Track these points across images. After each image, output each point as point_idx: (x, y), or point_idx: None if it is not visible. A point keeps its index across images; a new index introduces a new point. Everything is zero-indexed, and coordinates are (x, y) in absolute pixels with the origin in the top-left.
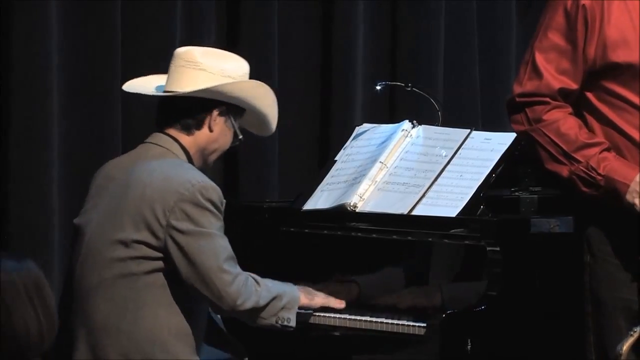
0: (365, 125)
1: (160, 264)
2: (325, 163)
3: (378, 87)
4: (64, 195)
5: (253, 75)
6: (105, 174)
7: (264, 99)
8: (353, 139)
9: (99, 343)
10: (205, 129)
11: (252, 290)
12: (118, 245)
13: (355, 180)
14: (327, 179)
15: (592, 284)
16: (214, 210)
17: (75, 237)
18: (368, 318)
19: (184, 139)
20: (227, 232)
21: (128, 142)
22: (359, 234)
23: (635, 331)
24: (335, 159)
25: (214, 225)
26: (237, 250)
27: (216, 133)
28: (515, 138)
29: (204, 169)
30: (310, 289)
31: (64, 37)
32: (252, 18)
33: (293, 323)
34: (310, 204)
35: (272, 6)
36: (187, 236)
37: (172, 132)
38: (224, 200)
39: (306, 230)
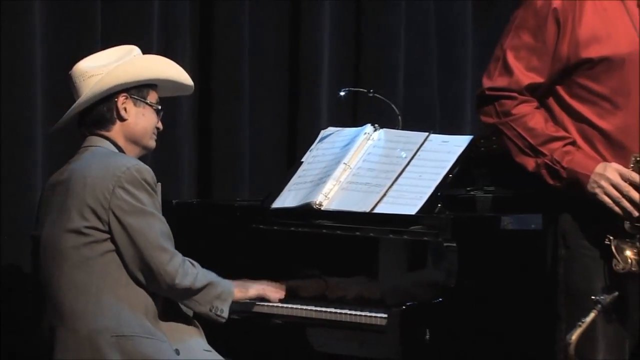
0: (330, 129)
1: (111, 245)
2: (292, 164)
3: (342, 93)
4: None
5: (226, 82)
6: (49, 185)
7: (156, 68)
8: (318, 141)
9: (73, 326)
10: (117, 120)
11: (188, 270)
12: (71, 235)
13: (321, 180)
14: (295, 179)
15: (566, 275)
16: (149, 189)
17: (35, 246)
18: (332, 309)
19: (109, 134)
20: (202, 228)
21: None
22: (324, 231)
23: (583, 321)
24: (302, 160)
25: (150, 202)
26: (210, 246)
27: (132, 118)
28: (471, 140)
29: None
30: (247, 282)
31: (48, 44)
32: (225, 29)
33: (226, 314)
34: (279, 203)
35: (243, 18)
36: (127, 214)
37: (97, 131)
38: (158, 183)
39: (275, 227)
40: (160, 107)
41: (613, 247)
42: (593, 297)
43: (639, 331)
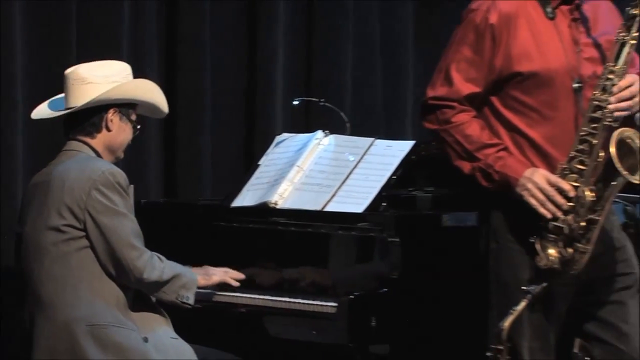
0: (285, 135)
1: (86, 242)
2: (250, 167)
3: (295, 102)
4: None
5: (189, 92)
6: (31, 185)
7: (148, 92)
8: (274, 146)
9: (51, 316)
10: (104, 130)
11: (156, 265)
12: (50, 232)
13: (276, 182)
14: (252, 180)
15: (496, 267)
16: (121, 191)
17: (18, 242)
18: (287, 299)
19: (90, 141)
20: (168, 226)
21: None
22: (280, 228)
23: (515, 309)
24: (259, 163)
25: (122, 203)
26: (175, 242)
27: (115, 131)
28: (413, 145)
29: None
30: (209, 269)
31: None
32: (188, 45)
33: (192, 301)
34: (238, 202)
35: (204, 35)
36: (101, 214)
37: (80, 137)
38: (131, 185)
39: (234, 225)
40: (139, 127)
41: (537, 245)
42: (523, 288)
43: (564, 322)
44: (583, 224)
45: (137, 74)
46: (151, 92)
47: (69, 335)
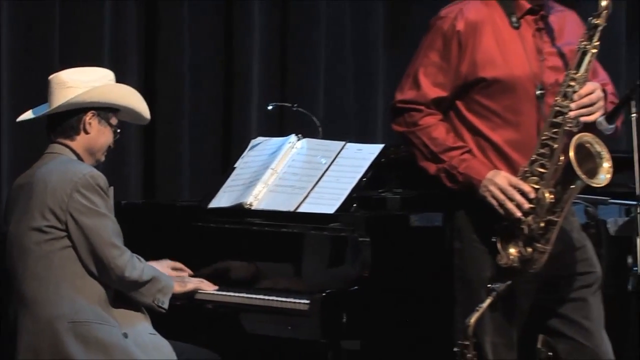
0: (259, 139)
1: (68, 242)
2: (226, 169)
3: (270, 107)
4: None
5: (169, 97)
6: (15, 186)
7: (125, 97)
8: (249, 149)
9: (34, 313)
10: (82, 133)
11: (136, 265)
12: (33, 232)
13: (251, 184)
14: (228, 182)
15: (460, 265)
16: (102, 193)
17: (2, 242)
18: (262, 296)
19: (71, 143)
20: (147, 226)
21: None
22: (255, 228)
23: (481, 307)
24: (235, 166)
25: (103, 205)
26: (154, 242)
27: (93, 134)
28: (382, 149)
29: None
30: (185, 277)
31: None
32: (168, 52)
33: (166, 306)
34: (215, 203)
35: (184, 42)
36: (82, 214)
37: (61, 140)
38: (110, 187)
39: (211, 225)
40: (119, 131)
41: (498, 244)
42: (489, 285)
43: (528, 319)
44: (542, 224)
45: (118, 80)
46: (128, 98)
47: (52, 332)
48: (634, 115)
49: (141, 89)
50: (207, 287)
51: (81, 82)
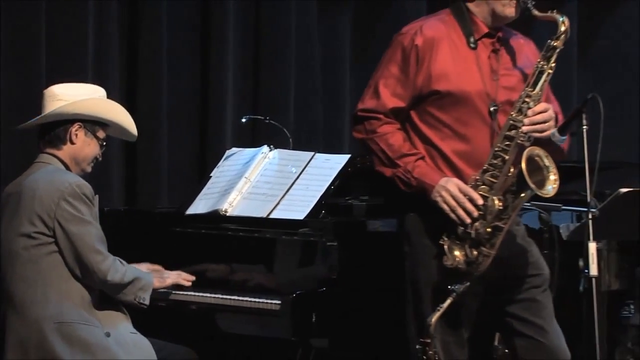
0: (234, 149)
1: (55, 247)
2: (203, 178)
3: (243, 120)
4: None
5: (149, 110)
6: (5, 194)
7: (109, 111)
8: (224, 159)
9: (22, 314)
10: (68, 143)
11: (119, 268)
12: (22, 238)
13: (226, 191)
14: (205, 190)
15: (410, 268)
16: (87, 201)
17: None
18: (236, 297)
19: (58, 153)
20: (128, 231)
21: None
22: (229, 233)
23: (442, 307)
24: (211, 175)
25: (88, 212)
26: (135, 246)
27: (79, 144)
28: (349, 159)
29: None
30: (163, 272)
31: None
32: (148, 67)
33: (147, 302)
34: (192, 210)
35: (162, 58)
36: (68, 222)
37: (49, 150)
38: (96, 195)
39: (189, 230)
40: (105, 144)
41: (445, 246)
42: (449, 287)
43: (482, 318)
44: (489, 229)
45: None
46: (114, 113)
47: (38, 332)
48: (584, 127)
49: (123, 104)
50: (185, 281)
51: (69, 95)
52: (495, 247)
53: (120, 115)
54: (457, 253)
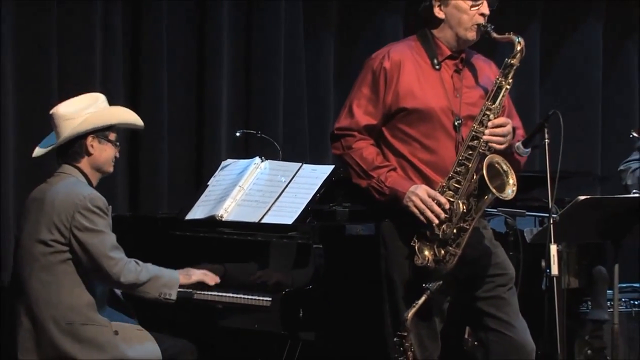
0: (229, 160)
1: (69, 255)
2: (200, 186)
3: (237, 134)
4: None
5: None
6: (30, 199)
7: (117, 115)
8: (220, 169)
9: (35, 314)
10: (86, 155)
11: (132, 269)
12: (40, 244)
13: (222, 198)
14: (202, 197)
15: (386, 268)
16: (101, 213)
17: (16, 246)
18: (231, 294)
19: (78, 165)
20: (133, 235)
21: None
22: (225, 236)
23: (417, 303)
24: (208, 183)
25: (102, 223)
26: (138, 248)
27: (96, 153)
28: (333, 169)
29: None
30: (190, 269)
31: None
32: (149, 84)
33: (174, 297)
34: (190, 215)
35: (162, 74)
36: (83, 233)
37: (69, 161)
38: (109, 206)
39: (188, 234)
40: (118, 144)
41: (416, 247)
42: (424, 285)
43: (447, 313)
44: (455, 230)
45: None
46: (118, 115)
47: (50, 332)
48: (546, 140)
49: None
50: (210, 280)
51: (76, 113)
52: (460, 246)
53: (123, 116)
54: (426, 253)
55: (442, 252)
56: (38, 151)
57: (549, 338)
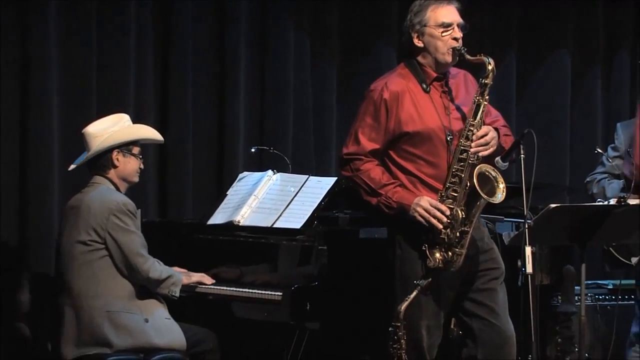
0: (245, 173)
1: (105, 252)
2: (220, 196)
3: (252, 150)
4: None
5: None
6: (68, 207)
7: (138, 132)
8: (237, 181)
9: (77, 305)
10: (112, 167)
11: (157, 268)
12: (79, 244)
13: (239, 206)
14: (222, 205)
15: (400, 267)
16: (131, 215)
17: (58, 248)
18: (247, 290)
19: (107, 175)
20: (161, 238)
21: None
22: (241, 239)
23: (409, 297)
24: (227, 193)
25: (132, 224)
26: (166, 249)
27: (121, 166)
28: (336, 181)
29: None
30: (189, 272)
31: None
32: (177, 106)
33: (177, 294)
34: (212, 220)
35: (186, 100)
36: (117, 232)
37: (99, 173)
38: (138, 209)
39: (209, 237)
40: (141, 157)
41: (426, 251)
42: (415, 282)
43: (451, 304)
44: (457, 234)
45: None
46: (138, 132)
47: (91, 319)
48: (522, 155)
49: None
50: (207, 280)
51: (103, 131)
52: (465, 247)
53: (144, 132)
54: (437, 256)
55: (450, 253)
56: (73, 167)
57: (524, 328)
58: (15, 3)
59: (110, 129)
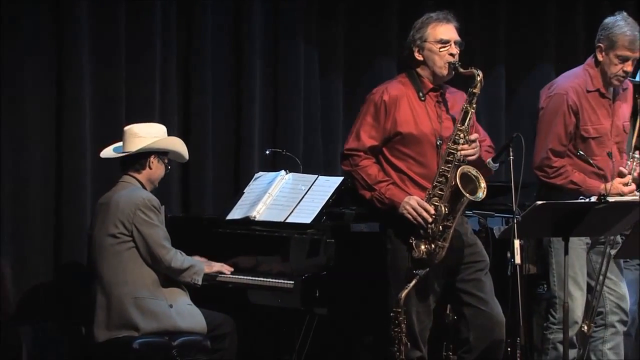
0: (260, 173)
1: (132, 244)
2: (238, 193)
3: (267, 152)
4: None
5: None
6: (98, 204)
7: (176, 145)
8: (253, 180)
9: (108, 293)
10: (147, 168)
11: (179, 258)
12: (109, 237)
13: (255, 203)
14: (239, 202)
15: (392, 260)
16: (156, 210)
17: (89, 241)
18: (262, 278)
19: (138, 175)
20: (184, 231)
21: None
22: (257, 233)
23: (409, 286)
24: (244, 191)
25: (156, 219)
26: (189, 241)
27: (154, 169)
28: (342, 180)
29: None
30: (211, 262)
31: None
32: (197, 117)
33: (200, 282)
34: (230, 216)
35: (206, 112)
36: (142, 226)
37: (131, 172)
38: (162, 205)
39: (227, 231)
40: (169, 167)
41: (413, 244)
42: (414, 271)
43: (440, 293)
44: (441, 228)
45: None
46: (177, 145)
47: (121, 304)
48: (511, 157)
49: (181, 138)
50: (226, 270)
51: (148, 134)
52: (447, 240)
53: (179, 146)
54: (422, 248)
55: (433, 246)
56: (107, 153)
57: (512, 313)
58: (50, 16)
59: (155, 134)
